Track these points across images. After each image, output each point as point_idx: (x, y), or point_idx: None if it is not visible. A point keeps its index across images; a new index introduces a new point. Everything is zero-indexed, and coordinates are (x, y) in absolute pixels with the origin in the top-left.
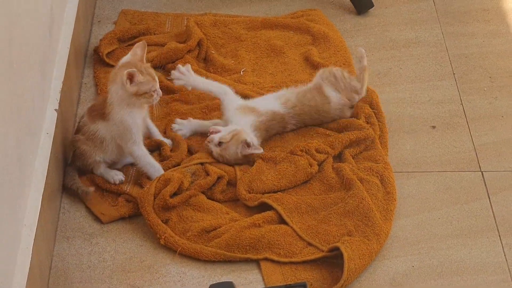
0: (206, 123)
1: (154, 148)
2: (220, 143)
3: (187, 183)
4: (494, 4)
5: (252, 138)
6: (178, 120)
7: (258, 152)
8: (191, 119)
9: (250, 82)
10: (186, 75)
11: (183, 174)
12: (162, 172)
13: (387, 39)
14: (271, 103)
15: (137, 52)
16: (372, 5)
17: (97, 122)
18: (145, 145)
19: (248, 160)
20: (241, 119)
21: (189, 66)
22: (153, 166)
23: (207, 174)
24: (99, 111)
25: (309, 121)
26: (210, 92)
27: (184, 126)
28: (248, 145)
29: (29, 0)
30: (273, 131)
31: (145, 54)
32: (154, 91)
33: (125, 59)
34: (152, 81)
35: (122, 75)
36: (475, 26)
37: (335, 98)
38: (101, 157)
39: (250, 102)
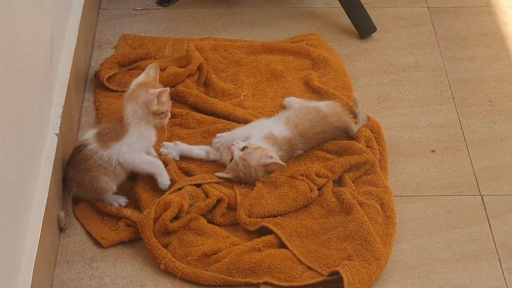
0: (193, 148)
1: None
2: (244, 148)
3: (187, 206)
4: (493, 28)
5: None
6: (166, 143)
7: (280, 164)
8: (178, 142)
9: (250, 106)
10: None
11: (182, 197)
12: (160, 164)
13: (387, 64)
14: (283, 129)
15: (150, 73)
16: (375, 29)
17: (112, 145)
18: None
19: (260, 176)
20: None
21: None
22: (149, 162)
23: (207, 196)
24: (112, 134)
25: (313, 139)
26: (249, 135)
27: (171, 149)
28: (272, 157)
29: (29, 25)
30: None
31: (158, 75)
32: (168, 112)
33: (140, 79)
34: (169, 101)
35: (147, 93)
36: (475, 51)
37: (323, 105)
38: (115, 185)
39: (271, 132)
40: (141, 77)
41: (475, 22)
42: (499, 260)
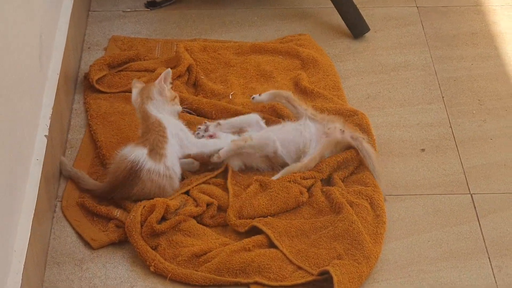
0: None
1: None
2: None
3: (173, 207)
4: (483, 27)
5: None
6: (208, 124)
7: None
8: (221, 121)
9: (240, 103)
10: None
11: (168, 198)
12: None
13: (376, 63)
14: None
15: (137, 85)
16: (368, 29)
17: (164, 151)
18: None
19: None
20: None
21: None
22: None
23: (196, 201)
24: (157, 141)
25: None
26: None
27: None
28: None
29: (18, 27)
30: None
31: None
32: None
33: (136, 89)
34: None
35: (154, 85)
36: (464, 50)
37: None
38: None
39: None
40: (135, 90)
41: (464, 22)
42: (489, 258)
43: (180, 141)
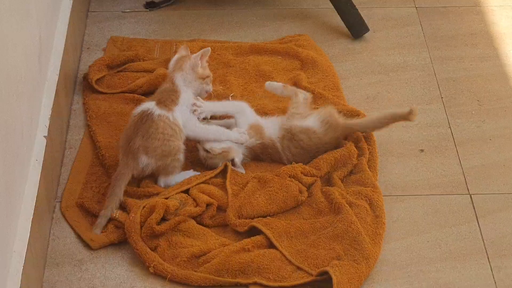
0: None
1: None
2: (207, 151)
3: (173, 207)
4: (482, 28)
5: (240, 157)
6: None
7: (240, 171)
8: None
9: None
10: (202, 106)
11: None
12: (229, 133)
13: (375, 64)
14: (274, 131)
15: (182, 52)
16: (367, 30)
17: (174, 108)
18: None
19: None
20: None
21: (198, 98)
22: (218, 131)
23: (195, 201)
24: (171, 98)
25: (305, 155)
26: (227, 113)
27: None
28: (233, 164)
29: (17, 28)
30: (267, 158)
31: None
32: (211, 76)
33: (177, 56)
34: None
35: (191, 58)
36: (463, 50)
37: (315, 123)
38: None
39: (262, 121)
40: (177, 55)
41: (463, 22)
42: (488, 258)
43: (186, 116)
